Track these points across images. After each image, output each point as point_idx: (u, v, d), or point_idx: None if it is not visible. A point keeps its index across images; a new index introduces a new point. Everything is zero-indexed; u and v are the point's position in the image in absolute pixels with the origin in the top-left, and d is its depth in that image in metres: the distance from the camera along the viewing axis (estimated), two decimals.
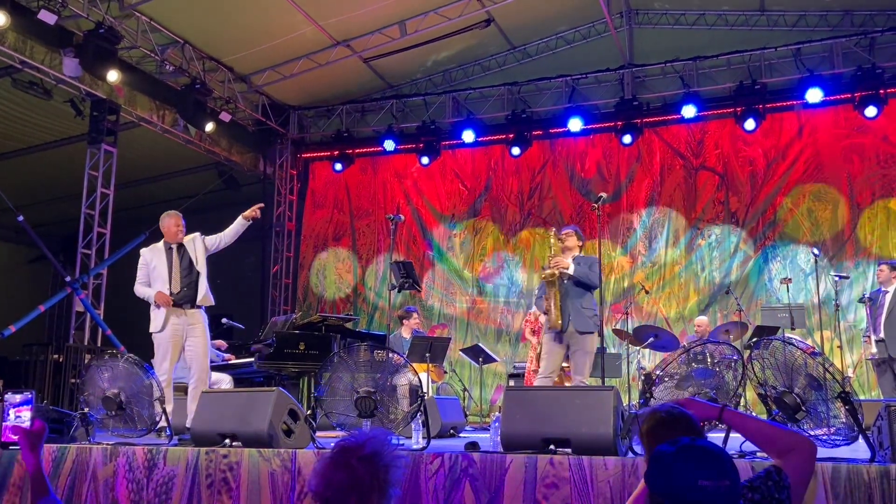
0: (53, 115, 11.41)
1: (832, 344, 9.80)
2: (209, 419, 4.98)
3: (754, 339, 7.99)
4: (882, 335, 7.89)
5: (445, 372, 9.66)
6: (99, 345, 10.41)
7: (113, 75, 10.03)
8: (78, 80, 10.15)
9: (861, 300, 8.76)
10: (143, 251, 6.43)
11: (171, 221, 6.51)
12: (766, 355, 4.05)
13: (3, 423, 5.11)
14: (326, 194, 14.01)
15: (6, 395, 5.25)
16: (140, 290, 6.28)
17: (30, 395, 5.16)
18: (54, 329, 13.74)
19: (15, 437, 2.83)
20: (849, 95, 10.96)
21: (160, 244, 6.44)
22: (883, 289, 8.18)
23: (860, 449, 3.88)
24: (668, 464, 1.94)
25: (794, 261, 11.04)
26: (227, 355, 7.92)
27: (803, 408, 3.79)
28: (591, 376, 8.92)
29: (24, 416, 5.11)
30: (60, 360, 10.24)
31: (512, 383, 10.05)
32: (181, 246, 6.43)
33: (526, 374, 8.82)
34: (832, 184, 11.10)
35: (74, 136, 11.88)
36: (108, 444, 4.99)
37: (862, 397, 9.44)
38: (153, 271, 6.25)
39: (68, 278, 10.28)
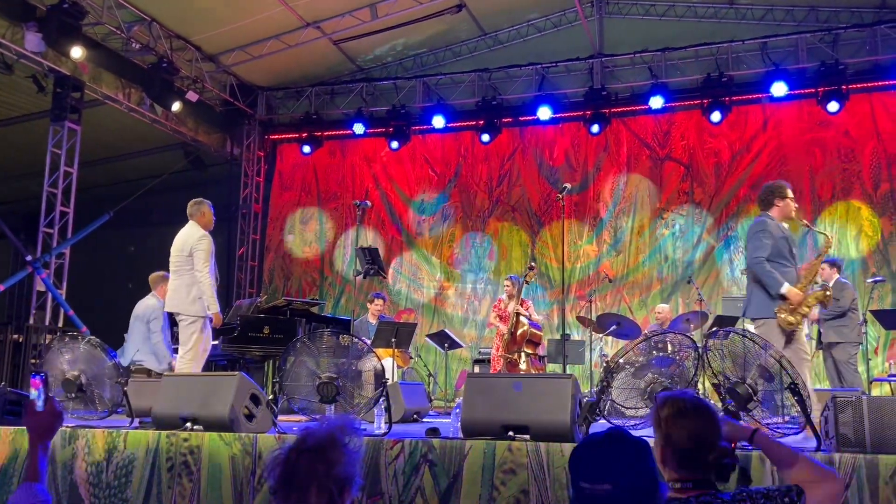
0: (15, 90, 11.18)
1: None
2: (171, 402, 4.96)
3: (713, 329, 8.14)
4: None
5: (411, 357, 9.71)
6: (60, 325, 10.29)
7: (77, 52, 9.85)
8: (41, 55, 9.97)
9: None
10: (209, 238, 6.48)
11: (212, 212, 6.68)
12: (720, 345, 4.15)
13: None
14: (294, 177, 13.93)
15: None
16: (209, 282, 6.31)
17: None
18: (14, 309, 13.52)
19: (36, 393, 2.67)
20: (812, 90, 11.15)
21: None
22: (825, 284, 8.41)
23: (811, 437, 3.99)
24: (576, 453, 1.88)
25: None
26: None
27: (755, 398, 3.90)
28: (553, 363, 9.08)
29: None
30: (20, 340, 10.11)
31: (477, 369, 10.16)
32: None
33: (492, 359, 8.90)
34: (794, 177, 11.26)
35: (37, 112, 11.66)
36: (67, 427, 4.95)
37: (818, 386, 9.71)
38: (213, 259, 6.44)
39: (29, 257, 10.11)
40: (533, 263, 9.33)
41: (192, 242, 6.38)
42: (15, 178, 13.25)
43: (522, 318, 8.52)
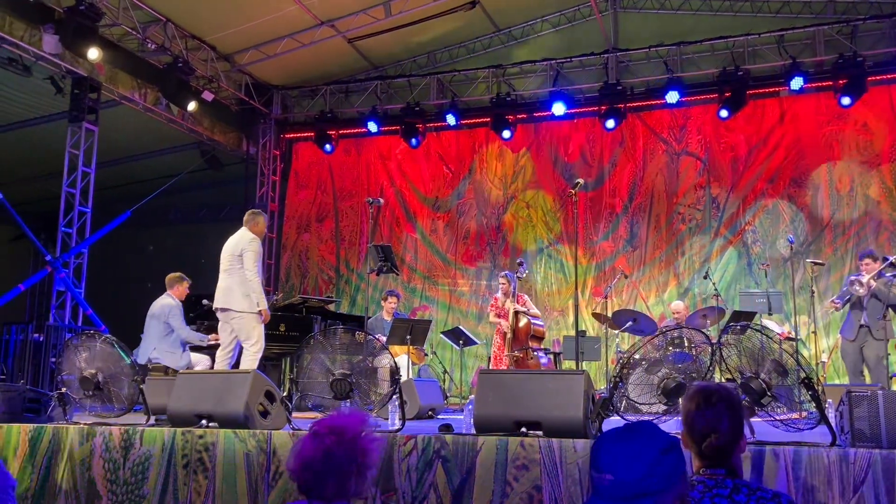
0: (33, 92, 11.30)
1: (808, 329, 9.93)
2: (186, 400, 5.00)
3: (727, 324, 8.07)
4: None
5: (426, 354, 9.72)
6: (80, 324, 10.39)
7: (94, 53, 9.93)
8: (58, 57, 10.06)
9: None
10: (257, 239, 6.84)
11: (266, 221, 7.07)
12: (734, 341, 4.12)
13: None
14: (310, 175, 13.97)
15: None
16: (257, 280, 6.69)
17: None
18: (35, 308, 13.69)
19: None
20: (830, 83, 11.03)
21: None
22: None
23: (828, 433, 3.95)
24: (594, 442, 1.92)
25: (773, 246, 11.15)
26: (212, 335, 7.95)
27: (769, 393, 3.87)
28: (568, 360, 9.06)
29: None
30: (41, 339, 10.22)
31: (492, 366, 10.14)
32: None
33: (493, 358, 8.88)
34: (812, 170, 11.20)
35: (55, 113, 11.78)
36: (84, 424, 5.01)
37: (836, 382, 9.63)
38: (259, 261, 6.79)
39: (49, 257, 10.25)
40: (521, 259, 9.36)
41: (243, 244, 6.77)
42: (35, 179, 13.40)
43: (521, 315, 8.50)
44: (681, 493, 1.83)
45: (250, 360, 6.59)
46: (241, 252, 6.71)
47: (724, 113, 11.27)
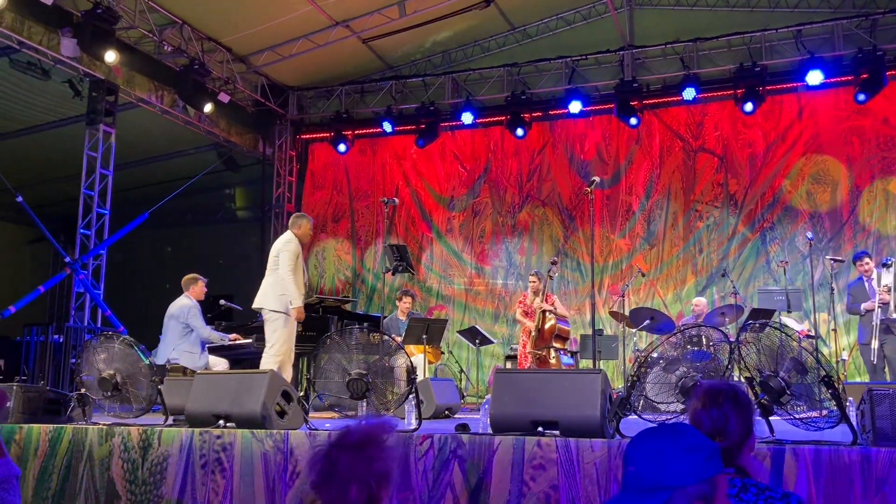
0: (52, 95, 11.39)
1: (828, 327, 9.82)
2: (204, 400, 5.03)
3: (746, 322, 8.01)
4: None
5: (442, 353, 9.71)
6: (99, 325, 10.47)
7: (111, 56, 10.00)
8: (76, 60, 10.13)
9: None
10: (294, 241, 6.93)
11: (310, 225, 7.12)
12: (753, 339, 4.08)
13: None
14: (325, 176, 14.01)
15: None
16: (291, 279, 6.75)
17: None
18: (55, 310, 13.81)
19: None
20: (850, 77, 10.91)
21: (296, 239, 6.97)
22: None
23: (848, 432, 3.91)
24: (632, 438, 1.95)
25: (792, 243, 11.05)
26: (232, 335, 8.00)
27: (788, 391, 3.83)
28: (584, 358, 9.02)
29: None
30: (61, 340, 10.31)
31: (509, 365, 10.12)
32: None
33: (519, 356, 8.86)
34: (831, 166, 11.09)
35: (73, 116, 11.88)
36: (104, 425, 5.05)
37: (857, 380, 9.52)
38: (297, 263, 6.85)
39: (68, 259, 10.34)
40: (556, 258, 9.29)
41: (280, 245, 6.95)
42: (53, 182, 13.52)
43: (549, 314, 8.47)
44: (703, 493, 1.81)
45: (268, 362, 6.65)
46: (277, 253, 6.89)
47: (748, 106, 11.13)
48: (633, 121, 11.70)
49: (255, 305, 6.97)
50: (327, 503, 2.06)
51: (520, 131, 12.28)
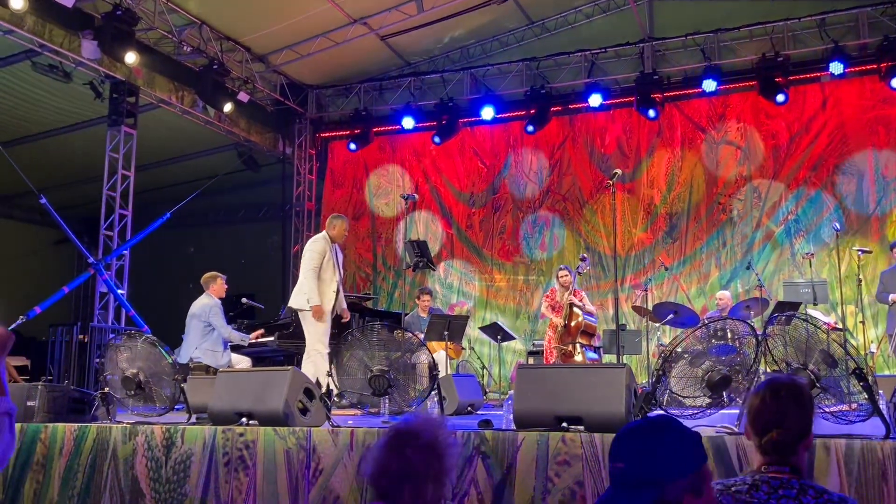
0: (73, 97, 11.49)
1: (856, 319, 9.68)
2: (226, 398, 5.03)
3: (773, 315, 7.91)
4: None
5: (464, 349, 9.67)
6: (123, 325, 10.55)
7: (131, 57, 10.06)
8: (97, 62, 10.22)
9: None
10: (320, 241, 7.00)
11: (345, 226, 7.14)
12: (780, 331, 4.01)
13: None
14: (345, 173, 14.01)
15: None
16: (314, 277, 6.82)
17: None
18: (79, 310, 13.94)
19: None
20: (875, 66, 10.73)
21: (327, 239, 7.00)
22: None
23: (880, 425, 3.82)
24: (617, 433, 1.92)
25: (817, 235, 10.90)
26: (253, 334, 8.03)
27: (818, 384, 3.75)
28: (608, 353, 8.95)
29: None
30: (85, 340, 10.39)
31: (531, 361, 10.07)
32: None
33: (545, 351, 8.81)
34: (857, 156, 10.91)
35: (95, 118, 11.98)
36: (127, 424, 5.07)
37: (887, 373, 9.37)
38: (326, 262, 6.88)
39: (92, 259, 10.42)
40: (585, 255, 9.21)
41: (306, 245, 7.14)
42: (76, 184, 13.63)
43: (576, 309, 8.40)
44: (693, 486, 1.78)
45: (305, 359, 6.83)
46: (304, 252, 7.08)
47: (780, 97, 10.94)
48: (653, 113, 11.58)
49: (289, 304, 7.22)
50: (381, 497, 2.02)
51: (539, 126, 12.19)
